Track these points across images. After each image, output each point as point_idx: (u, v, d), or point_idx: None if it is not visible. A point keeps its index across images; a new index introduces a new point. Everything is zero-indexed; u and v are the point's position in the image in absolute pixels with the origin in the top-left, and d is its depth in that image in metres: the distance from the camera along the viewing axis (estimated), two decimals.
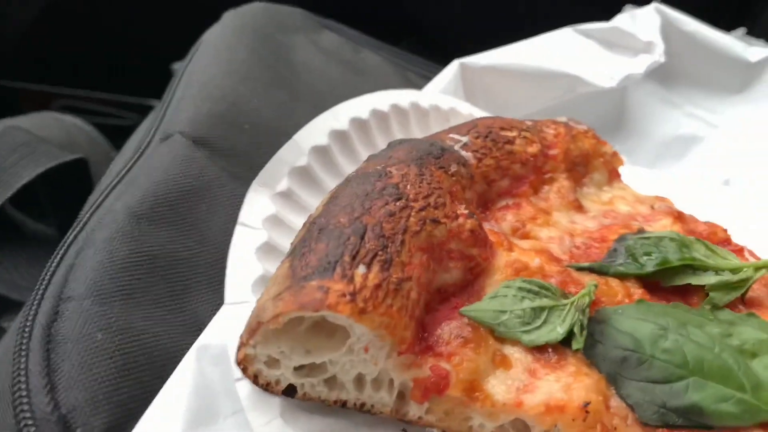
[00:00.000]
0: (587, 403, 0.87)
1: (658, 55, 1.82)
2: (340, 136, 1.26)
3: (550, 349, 0.94)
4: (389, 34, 1.94)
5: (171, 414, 0.86)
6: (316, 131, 1.23)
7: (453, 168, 1.09)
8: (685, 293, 1.09)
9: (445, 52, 1.73)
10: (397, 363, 0.86)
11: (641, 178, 1.59)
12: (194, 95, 1.28)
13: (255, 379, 0.87)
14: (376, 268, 0.84)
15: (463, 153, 1.16)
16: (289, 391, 0.88)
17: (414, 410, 0.90)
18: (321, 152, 1.22)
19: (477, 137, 1.21)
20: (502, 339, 0.93)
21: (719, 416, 0.90)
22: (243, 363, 0.86)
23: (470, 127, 1.24)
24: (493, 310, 0.95)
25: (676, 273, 1.09)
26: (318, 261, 0.84)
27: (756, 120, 1.86)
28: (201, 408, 0.88)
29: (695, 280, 1.07)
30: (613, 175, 1.41)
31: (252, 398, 0.88)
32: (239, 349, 0.85)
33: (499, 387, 0.88)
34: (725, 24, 1.90)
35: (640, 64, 1.83)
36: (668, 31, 1.86)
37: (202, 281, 1.06)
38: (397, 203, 0.93)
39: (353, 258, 0.84)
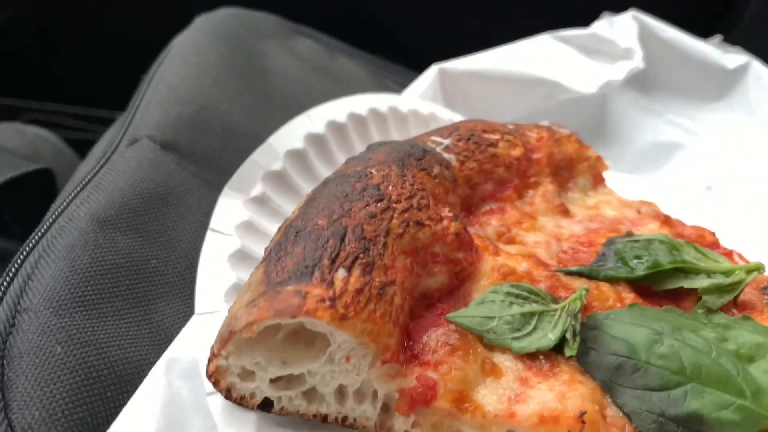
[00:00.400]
0: (583, 413, 0.82)
1: (637, 61, 1.80)
2: (316, 139, 1.21)
3: (541, 357, 0.89)
4: (365, 43, 1.90)
5: (136, 431, 0.79)
6: (291, 135, 1.18)
7: (436, 170, 1.04)
8: (677, 297, 1.05)
9: (421, 62, 1.70)
10: (381, 373, 0.80)
11: (624, 183, 1.56)
12: (162, 99, 1.23)
13: (228, 393, 0.81)
14: (357, 271, 0.79)
15: (446, 155, 1.11)
16: (265, 406, 0.82)
17: (399, 423, 0.84)
18: (297, 156, 1.17)
19: (459, 140, 1.17)
20: (491, 346, 0.88)
21: (720, 424, 0.86)
22: (215, 376, 0.80)
23: (452, 129, 1.20)
24: (480, 316, 0.90)
25: (668, 276, 1.05)
26: (295, 265, 0.78)
27: (734, 126, 1.85)
28: (170, 425, 0.81)
29: (687, 284, 1.04)
30: (598, 180, 1.38)
31: (225, 414, 0.82)
32: (210, 360, 0.79)
33: (489, 397, 0.83)
34: (701, 31, 1.89)
35: (619, 71, 1.81)
36: (646, 38, 1.85)
37: (171, 291, 0.99)
38: (379, 204, 0.88)
39: (333, 261, 0.79)
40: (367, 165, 0.97)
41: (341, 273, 0.78)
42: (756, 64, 1.86)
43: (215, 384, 0.80)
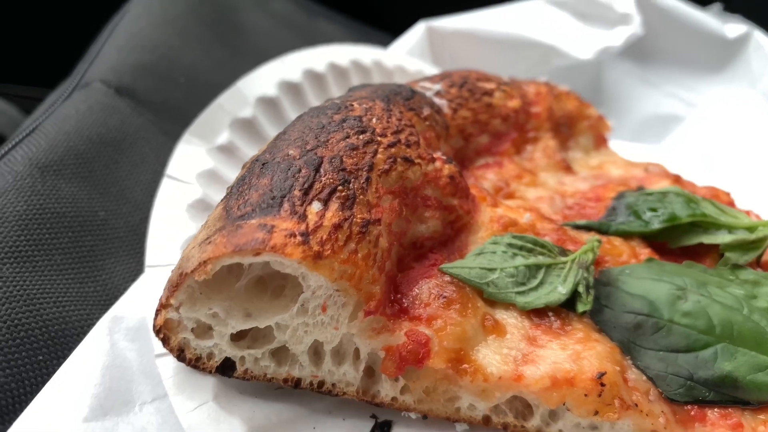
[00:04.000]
0: (602, 374, 0.70)
1: (635, 27, 1.70)
2: (291, 88, 1.08)
3: (550, 313, 0.77)
4: (346, 7, 1.77)
5: (70, 399, 0.66)
6: (263, 80, 1.06)
7: (426, 111, 0.92)
8: (696, 255, 0.93)
9: (404, 29, 1.57)
10: (364, 327, 0.67)
11: (627, 151, 1.45)
12: (121, 46, 1.10)
13: (181, 354, 0.68)
14: (335, 205, 0.66)
15: (437, 100, 0.99)
16: (226, 368, 0.69)
17: (386, 389, 0.71)
18: (268, 104, 1.04)
19: (451, 86, 1.05)
20: (491, 302, 0.76)
21: (757, 388, 0.74)
22: (164, 331, 0.66)
23: (443, 76, 1.08)
24: (480, 268, 0.77)
25: (685, 232, 0.93)
26: (260, 197, 0.65)
27: (736, 98, 1.75)
28: (111, 392, 0.68)
29: (708, 239, 0.92)
30: (600, 141, 1.26)
31: (177, 379, 0.69)
32: (158, 313, 0.66)
33: (492, 357, 0.70)
34: None
35: (617, 37, 1.70)
36: (643, 5, 1.75)
37: (122, 247, 0.86)
38: (361, 136, 0.75)
39: (305, 193, 0.66)
40: (347, 99, 0.84)
41: (316, 206, 0.65)
42: (757, 34, 1.76)
43: (165, 342, 0.67)
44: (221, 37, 1.28)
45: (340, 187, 0.68)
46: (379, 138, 0.77)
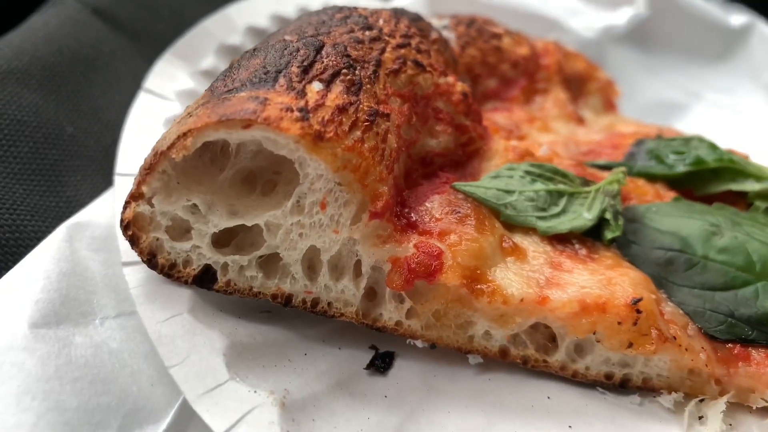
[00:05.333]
0: (638, 300, 0.61)
1: (638, 7, 1.65)
2: (284, 23, 0.99)
3: (574, 241, 0.68)
4: None
5: (16, 302, 0.55)
6: (255, 11, 0.97)
7: (434, 35, 0.84)
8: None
9: None
10: (368, 233, 0.58)
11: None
12: None
13: (152, 259, 0.57)
14: (338, 88, 0.57)
15: (445, 33, 0.91)
16: (205, 279, 0.58)
17: (390, 312, 0.61)
18: (259, 35, 0.95)
19: (458, 24, 0.97)
20: (509, 226, 0.67)
21: None
22: (133, 229, 0.56)
23: (449, 16, 1.01)
24: (497, 189, 0.69)
25: (711, 179, 0.86)
26: (250, 74, 0.56)
27: (740, 88, 1.70)
28: (69, 300, 0.57)
29: (736, 186, 0.84)
30: (609, 106, 1.19)
31: (147, 288, 0.58)
32: (127, 205, 0.56)
33: (512, 279, 0.61)
34: None
35: (620, 16, 1.65)
36: None
37: (91, 165, 0.77)
38: (367, 32, 0.67)
39: (304, 71, 0.57)
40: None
41: (316, 85, 0.56)
42: (761, 24, 1.72)
43: (133, 242, 0.57)
44: None
45: (344, 71, 0.59)
46: (386, 38, 0.68)
